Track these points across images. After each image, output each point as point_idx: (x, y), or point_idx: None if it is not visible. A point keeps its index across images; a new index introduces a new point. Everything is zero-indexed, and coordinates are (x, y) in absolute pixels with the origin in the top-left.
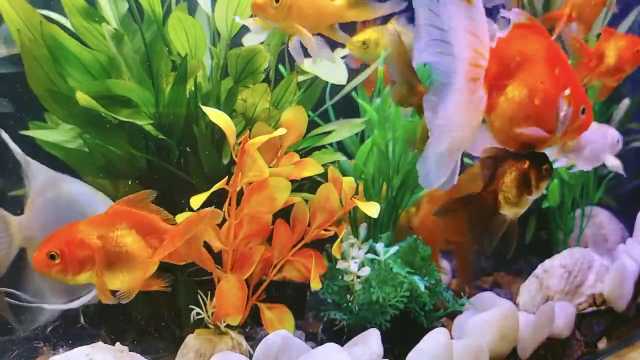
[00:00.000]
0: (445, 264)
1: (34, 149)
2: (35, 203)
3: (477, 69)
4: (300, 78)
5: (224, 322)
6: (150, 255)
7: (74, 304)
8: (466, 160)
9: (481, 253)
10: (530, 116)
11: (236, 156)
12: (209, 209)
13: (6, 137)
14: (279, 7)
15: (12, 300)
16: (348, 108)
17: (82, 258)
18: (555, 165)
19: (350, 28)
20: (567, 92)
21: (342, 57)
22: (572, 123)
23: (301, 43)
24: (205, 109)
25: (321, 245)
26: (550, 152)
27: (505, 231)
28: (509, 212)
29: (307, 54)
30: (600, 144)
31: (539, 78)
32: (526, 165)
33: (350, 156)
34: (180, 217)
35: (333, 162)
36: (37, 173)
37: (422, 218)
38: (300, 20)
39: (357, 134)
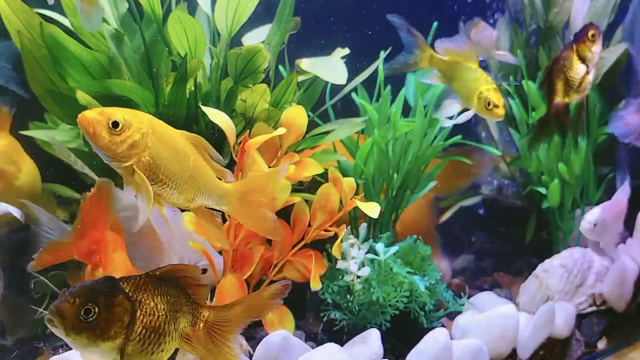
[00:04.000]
0: (445, 264)
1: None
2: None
3: None
4: (300, 78)
5: None
6: None
7: None
8: (464, 159)
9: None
10: None
11: (236, 156)
12: None
13: (87, 169)
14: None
15: None
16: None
17: None
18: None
19: None
20: None
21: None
22: None
23: None
24: (205, 109)
25: (322, 245)
26: None
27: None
28: (576, 98)
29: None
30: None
31: None
32: (573, 49)
33: None
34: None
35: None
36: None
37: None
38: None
39: None
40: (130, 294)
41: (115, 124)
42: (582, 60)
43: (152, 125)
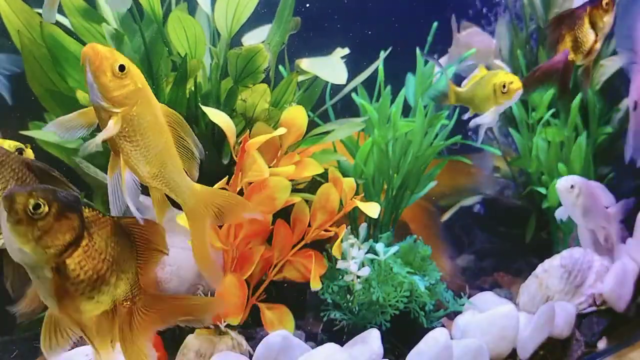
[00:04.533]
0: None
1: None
2: None
3: None
4: (300, 78)
5: (224, 322)
6: None
7: None
8: (464, 159)
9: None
10: None
11: (236, 156)
12: None
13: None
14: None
15: None
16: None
17: None
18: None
19: None
20: None
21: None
22: None
23: None
24: (205, 109)
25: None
26: None
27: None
28: (584, 61)
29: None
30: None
31: None
32: (587, 11)
33: None
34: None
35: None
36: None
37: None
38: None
39: None
40: (87, 222)
41: (122, 68)
42: (593, 26)
43: (145, 85)
